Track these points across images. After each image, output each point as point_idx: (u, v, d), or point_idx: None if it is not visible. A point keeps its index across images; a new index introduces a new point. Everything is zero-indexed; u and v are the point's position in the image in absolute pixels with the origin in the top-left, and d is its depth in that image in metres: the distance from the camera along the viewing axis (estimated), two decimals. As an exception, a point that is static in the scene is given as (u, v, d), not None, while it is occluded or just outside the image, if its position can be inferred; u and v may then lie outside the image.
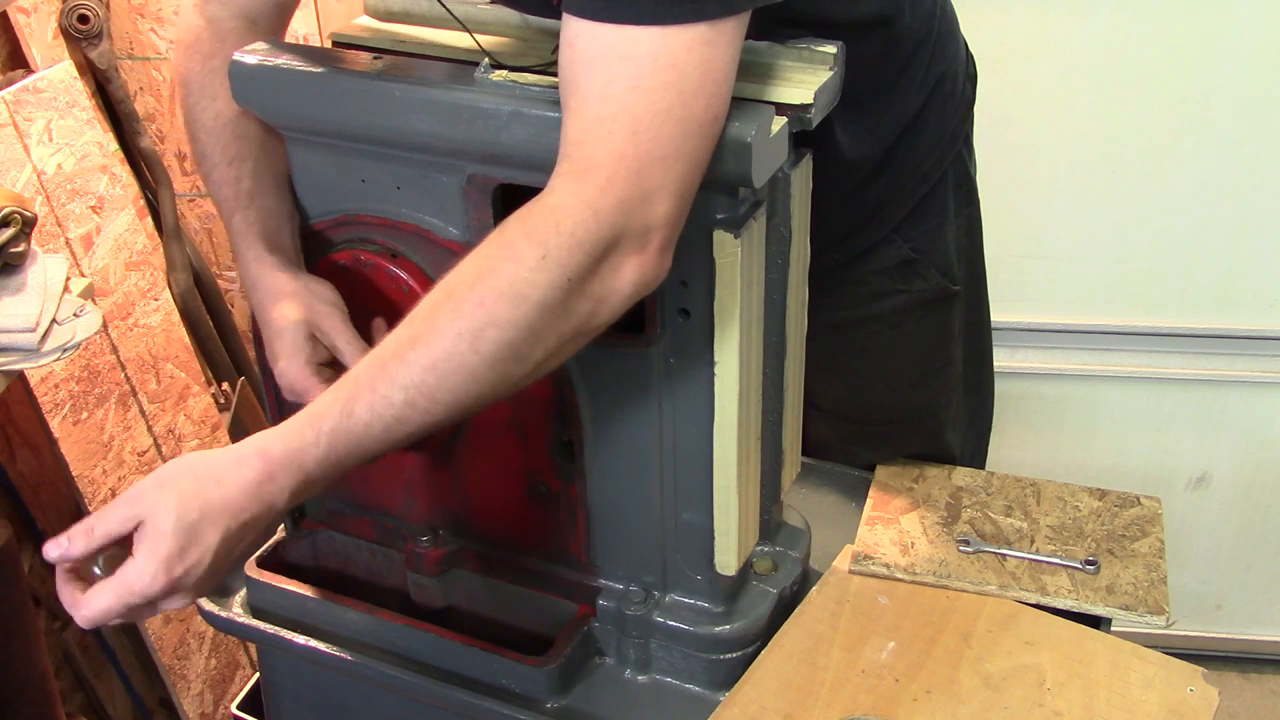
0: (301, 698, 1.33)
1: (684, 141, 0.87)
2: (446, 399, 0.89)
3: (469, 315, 0.87)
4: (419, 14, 1.18)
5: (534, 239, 0.87)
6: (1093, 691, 1.13)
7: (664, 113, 0.86)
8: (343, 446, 0.90)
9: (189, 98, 1.14)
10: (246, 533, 0.90)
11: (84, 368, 1.75)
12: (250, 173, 1.11)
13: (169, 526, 0.87)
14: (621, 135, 0.86)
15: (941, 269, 1.34)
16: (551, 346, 0.90)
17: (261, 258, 1.10)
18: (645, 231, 0.89)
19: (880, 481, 1.41)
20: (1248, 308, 2.08)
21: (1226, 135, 1.95)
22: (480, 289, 0.87)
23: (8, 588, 1.56)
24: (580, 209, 0.87)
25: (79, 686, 1.87)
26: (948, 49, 1.29)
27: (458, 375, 0.88)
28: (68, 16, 1.86)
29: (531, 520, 1.19)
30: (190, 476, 0.89)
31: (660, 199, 0.88)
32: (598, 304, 0.90)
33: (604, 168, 0.87)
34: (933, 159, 1.30)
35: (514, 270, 0.87)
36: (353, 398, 0.89)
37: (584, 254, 0.87)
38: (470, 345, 0.87)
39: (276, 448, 0.90)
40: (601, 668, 1.18)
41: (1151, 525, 1.33)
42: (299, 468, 0.89)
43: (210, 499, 0.88)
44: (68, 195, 1.79)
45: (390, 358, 0.89)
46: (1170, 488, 2.21)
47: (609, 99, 0.87)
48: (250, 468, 0.89)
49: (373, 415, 0.89)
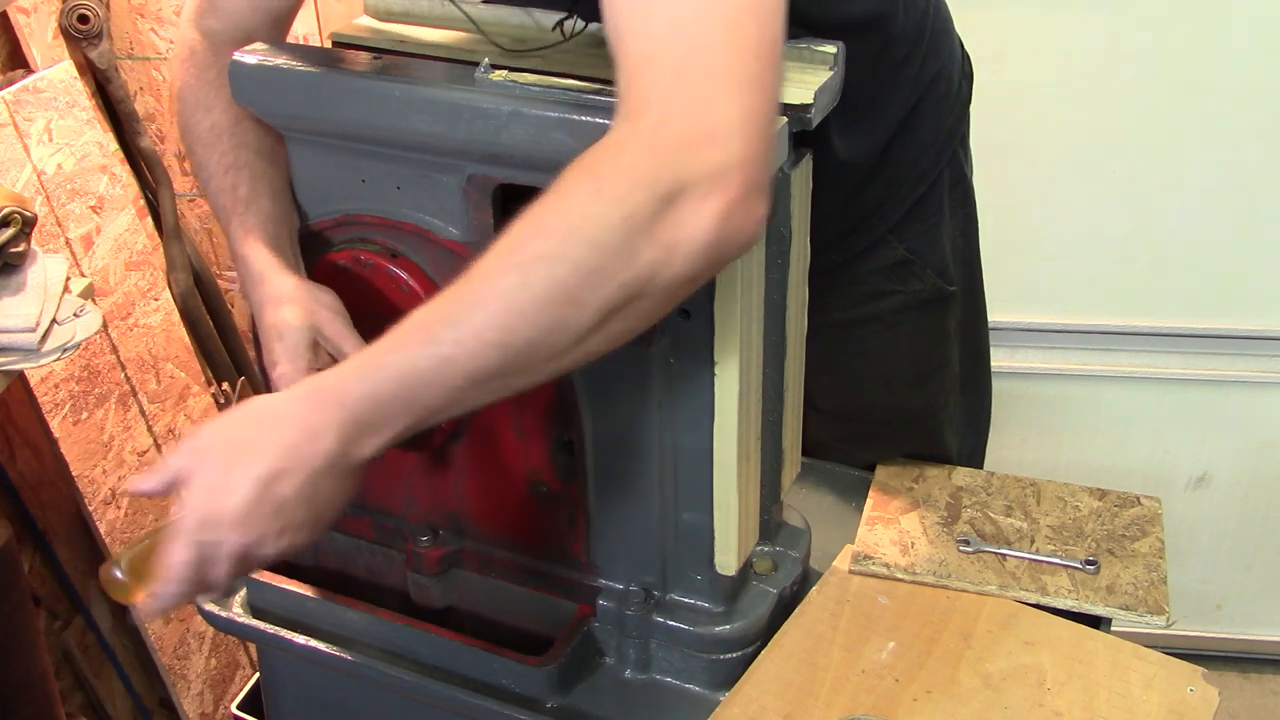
0: (301, 698, 1.33)
1: (740, 69, 0.81)
2: (495, 338, 0.83)
3: (520, 248, 0.83)
4: (419, 14, 1.18)
5: (588, 172, 0.83)
6: (1093, 691, 1.13)
7: (711, 41, 0.81)
8: (389, 384, 0.85)
9: (185, 110, 1.15)
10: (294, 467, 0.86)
11: (84, 368, 1.75)
12: (247, 179, 1.11)
13: (209, 453, 0.88)
14: (670, 71, 0.81)
15: (938, 270, 1.34)
16: (612, 294, 0.82)
17: (262, 260, 1.09)
18: (720, 173, 0.80)
19: (880, 481, 1.41)
20: (1248, 308, 2.08)
21: (1226, 135, 1.95)
22: (534, 224, 0.83)
23: (8, 588, 1.56)
24: (635, 145, 0.82)
25: (79, 686, 1.87)
26: (942, 48, 1.29)
27: (507, 314, 0.82)
28: (68, 16, 1.86)
29: (531, 520, 1.19)
30: (241, 409, 0.90)
31: (729, 134, 0.81)
32: (668, 252, 0.81)
33: (655, 104, 0.81)
34: (928, 158, 1.30)
35: (566, 204, 0.82)
36: (405, 331, 0.86)
37: (642, 191, 0.80)
38: (520, 280, 0.82)
39: (321, 379, 0.89)
40: (601, 668, 1.18)
41: (1151, 525, 1.33)
42: (339, 400, 0.86)
43: (249, 431, 0.88)
44: (68, 195, 1.79)
45: (443, 296, 0.86)
46: (1170, 488, 2.21)
47: (650, 36, 0.82)
48: (296, 399, 0.88)
49: (419, 351, 0.85)
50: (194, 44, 1.15)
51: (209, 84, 1.13)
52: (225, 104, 1.12)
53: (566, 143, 0.96)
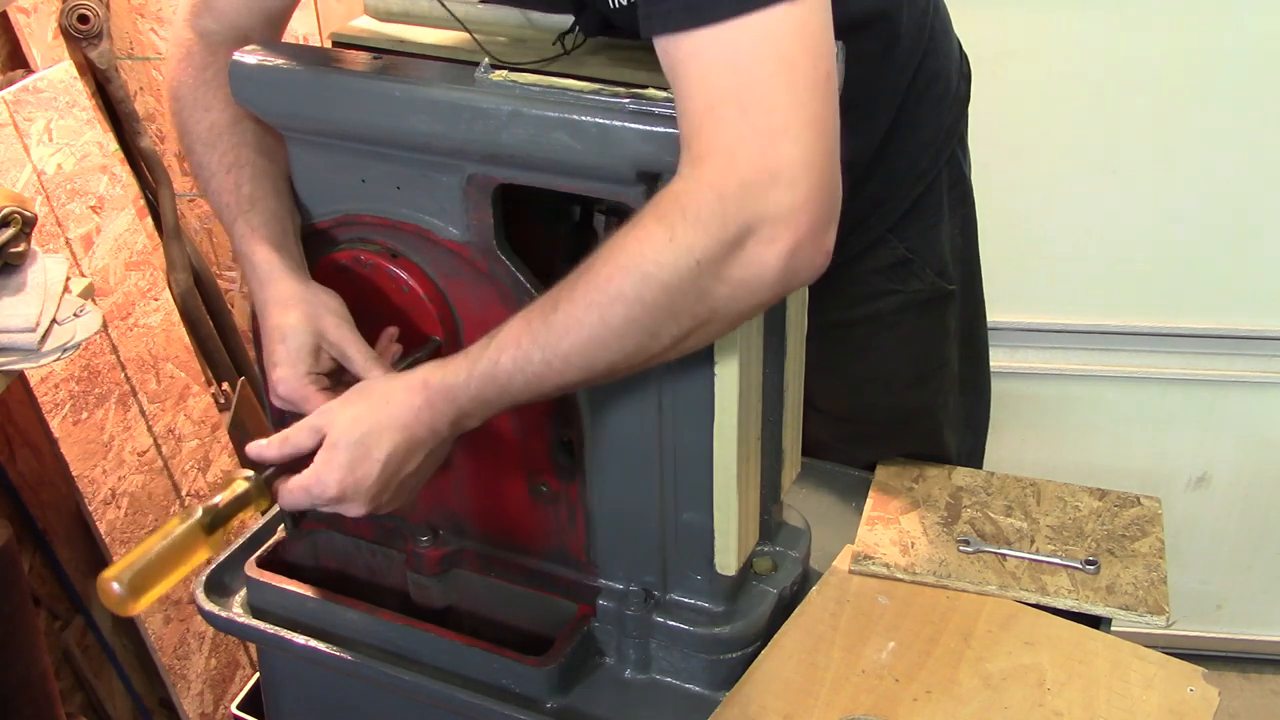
0: (301, 698, 1.33)
1: (800, 107, 0.84)
2: (580, 363, 0.93)
3: (600, 288, 0.90)
4: (419, 14, 1.18)
5: (662, 221, 0.87)
6: (1093, 691, 1.13)
7: (770, 83, 0.84)
8: (491, 390, 0.97)
9: (182, 110, 1.14)
10: (414, 452, 1.00)
11: (84, 368, 1.75)
12: (250, 178, 1.11)
13: (343, 439, 0.99)
14: (733, 116, 0.84)
15: (937, 269, 1.34)
16: (685, 325, 0.90)
17: (270, 260, 1.09)
18: (787, 214, 0.85)
19: (880, 481, 1.41)
20: (1248, 308, 2.08)
21: (1226, 135, 1.95)
22: (611, 264, 0.90)
23: (8, 588, 1.55)
24: (703, 192, 0.86)
25: (79, 686, 1.87)
26: (941, 47, 1.29)
27: (590, 344, 0.92)
28: (68, 16, 1.86)
29: (531, 520, 1.19)
30: (366, 397, 1.01)
31: (795, 176, 0.84)
32: (738, 287, 0.88)
33: (721, 151, 0.85)
34: (927, 158, 1.30)
35: (640, 250, 0.88)
36: (501, 347, 0.96)
37: (710, 237, 0.86)
38: (600, 317, 0.90)
39: (435, 379, 0.99)
40: (601, 668, 1.18)
41: (1151, 525, 1.33)
42: (451, 401, 0.98)
43: (380, 418, 0.99)
44: (68, 195, 1.79)
45: (535, 316, 0.94)
46: (1170, 488, 2.21)
47: (710, 86, 0.85)
48: (414, 394, 0.99)
49: (515, 367, 0.95)
50: (189, 44, 1.14)
51: (206, 84, 1.13)
52: (224, 103, 1.12)
53: (566, 143, 0.96)
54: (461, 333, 1.11)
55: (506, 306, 1.07)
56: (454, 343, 1.11)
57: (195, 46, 1.14)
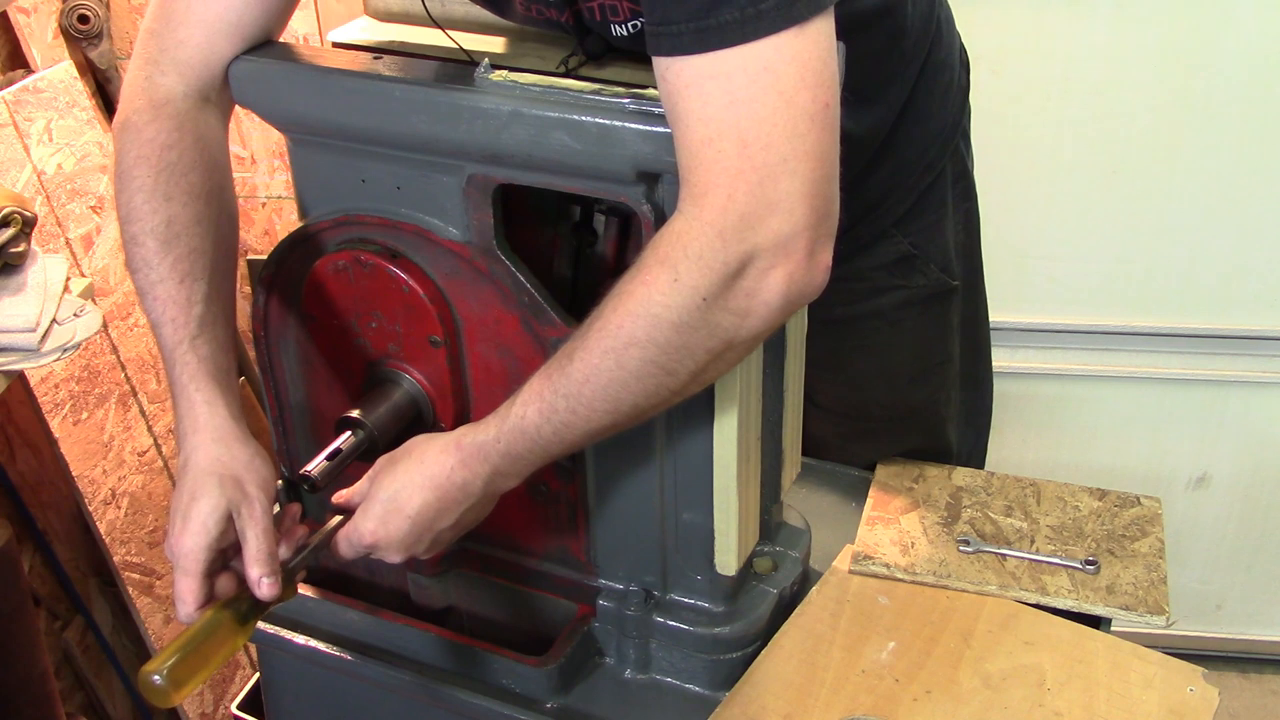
0: (301, 698, 1.33)
1: (799, 140, 0.85)
2: (604, 408, 0.94)
3: (612, 334, 0.92)
4: (419, 14, 1.18)
5: (665, 264, 0.89)
6: (1093, 691, 1.13)
7: (768, 118, 0.85)
8: (520, 445, 0.98)
9: (136, 196, 1.03)
10: (445, 509, 1.02)
11: (84, 368, 1.75)
12: (204, 297, 1.03)
13: (379, 494, 1.02)
14: (731, 151, 0.85)
15: (940, 264, 1.35)
16: (701, 360, 0.92)
17: (211, 404, 1.01)
18: (784, 242, 0.87)
19: (880, 481, 1.41)
20: (1248, 308, 2.08)
21: (1226, 135, 1.95)
22: (621, 311, 0.91)
23: (8, 588, 1.55)
24: (704, 231, 0.87)
25: (79, 686, 1.87)
26: (946, 37, 1.30)
27: (610, 389, 0.93)
28: (68, 16, 1.86)
29: (531, 520, 1.19)
30: (407, 454, 1.03)
31: (791, 206, 0.86)
32: (743, 317, 0.90)
33: (720, 187, 0.86)
34: (936, 147, 1.31)
35: (648, 293, 0.90)
36: (526, 401, 0.97)
37: (713, 275, 0.87)
38: (616, 362, 0.92)
39: (466, 439, 1.01)
40: (601, 668, 1.18)
41: (1151, 525, 1.33)
42: (484, 459, 1.00)
43: (414, 476, 1.02)
44: (68, 195, 1.79)
45: (554, 369, 0.96)
46: (1170, 488, 2.21)
47: (709, 119, 0.86)
48: (449, 454, 1.01)
49: (541, 419, 0.96)
50: (149, 111, 1.05)
51: (169, 167, 1.03)
52: (188, 194, 1.03)
53: (566, 143, 0.96)
54: (461, 333, 1.11)
55: (506, 307, 1.07)
56: (454, 342, 1.11)
57: (158, 116, 1.05)
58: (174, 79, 1.06)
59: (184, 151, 1.04)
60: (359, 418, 1.10)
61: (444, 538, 1.05)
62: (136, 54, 1.08)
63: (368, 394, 1.14)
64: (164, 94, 1.06)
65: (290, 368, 1.20)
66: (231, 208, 1.11)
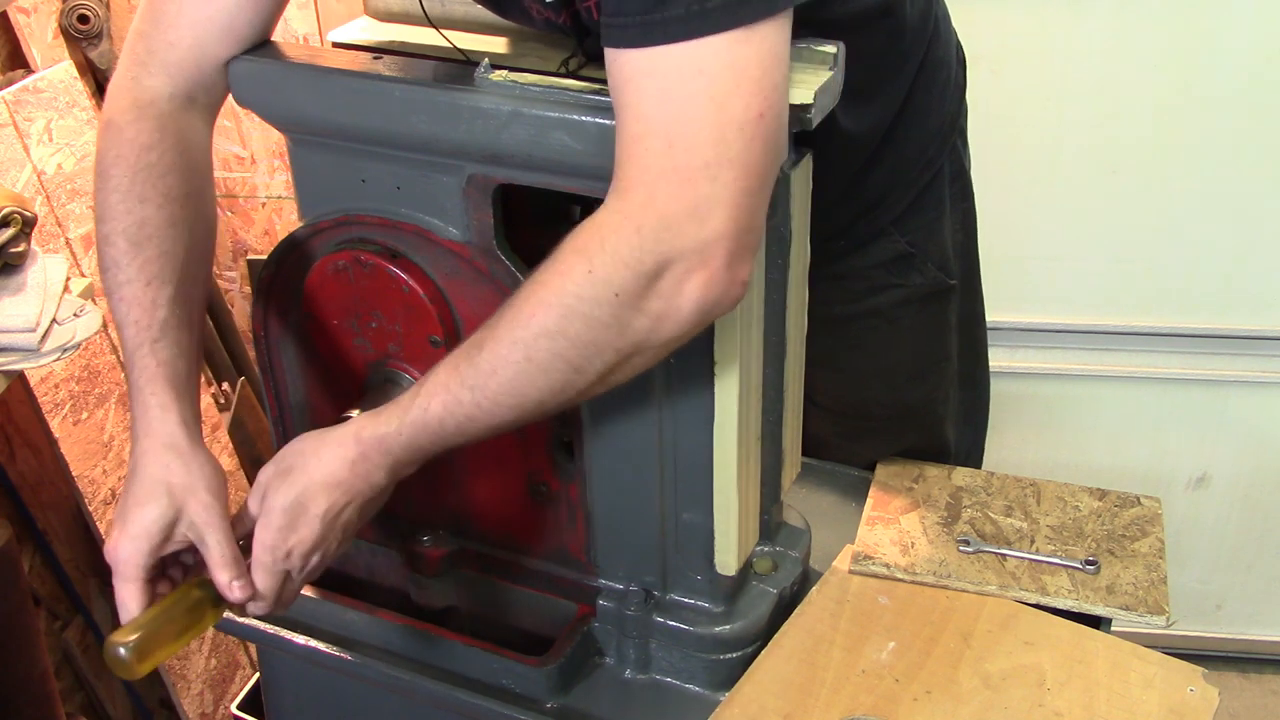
0: (301, 698, 1.33)
1: (724, 147, 0.85)
2: (509, 402, 0.93)
3: (523, 324, 0.91)
4: (419, 14, 1.18)
5: (581, 254, 0.88)
6: (1093, 691, 1.13)
7: (696, 120, 0.84)
8: (423, 437, 0.97)
9: (111, 196, 1.03)
10: (350, 504, 0.99)
11: (84, 368, 1.75)
12: (169, 300, 1.02)
13: (278, 503, 0.98)
14: (658, 150, 0.85)
15: (938, 263, 1.35)
16: (610, 360, 0.91)
17: (165, 408, 1.00)
18: (701, 248, 0.86)
19: (880, 481, 1.41)
20: (1248, 308, 2.08)
21: (1226, 135, 1.95)
22: (533, 300, 0.90)
23: (8, 588, 1.56)
24: (623, 226, 0.87)
25: (79, 686, 1.87)
26: (942, 33, 1.30)
27: (516, 381, 0.92)
28: (68, 16, 1.86)
29: (531, 520, 1.19)
30: (299, 457, 0.99)
31: (712, 210, 0.86)
32: (657, 320, 0.89)
33: (643, 184, 0.86)
34: (934, 145, 1.31)
35: (562, 284, 0.89)
36: (430, 393, 0.96)
37: (629, 271, 0.87)
38: (524, 354, 0.91)
39: (366, 432, 0.98)
40: (601, 668, 1.18)
41: (1151, 525, 1.33)
42: (385, 451, 0.98)
43: (313, 476, 0.98)
44: (68, 195, 1.79)
45: (461, 359, 0.94)
46: (1170, 488, 2.21)
47: (642, 116, 0.86)
48: (347, 447, 0.98)
49: (445, 411, 0.95)
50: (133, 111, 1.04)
51: (148, 168, 1.03)
52: (162, 198, 1.02)
53: (566, 143, 0.96)
54: (461, 332, 1.11)
55: (506, 306, 1.07)
56: (454, 342, 1.11)
57: (141, 117, 1.04)
58: (161, 80, 1.06)
59: (164, 153, 1.04)
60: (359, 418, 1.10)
61: (349, 532, 1.02)
62: (124, 54, 1.08)
63: (368, 394, 1.14)
64: (149, 95, 1.06)
65: (290, 368, 1.21)
66: (209, 212, 1.10)
